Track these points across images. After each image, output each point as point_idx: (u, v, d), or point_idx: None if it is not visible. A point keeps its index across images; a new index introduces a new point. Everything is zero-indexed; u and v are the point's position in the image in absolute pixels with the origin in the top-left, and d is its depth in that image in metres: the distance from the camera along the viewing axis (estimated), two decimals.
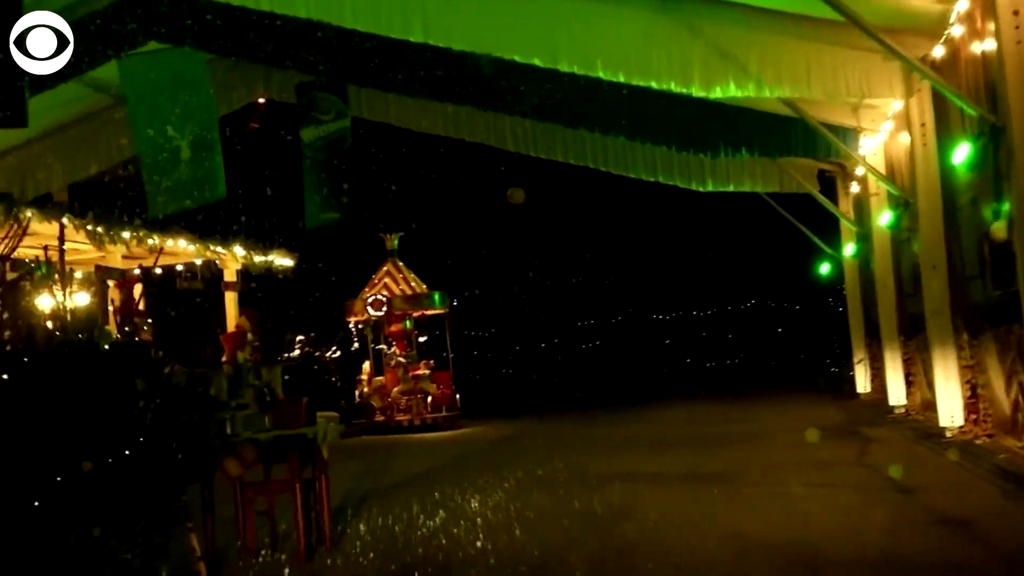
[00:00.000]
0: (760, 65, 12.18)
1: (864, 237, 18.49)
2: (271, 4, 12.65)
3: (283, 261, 18.68)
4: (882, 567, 6.86)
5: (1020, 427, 10.21)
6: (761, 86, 12.34)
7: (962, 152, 10.45)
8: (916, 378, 15.43)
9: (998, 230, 10.06)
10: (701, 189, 18.86)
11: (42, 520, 4.75)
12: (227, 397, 13.71)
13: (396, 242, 22.58)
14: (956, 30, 10.61)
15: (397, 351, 21.76)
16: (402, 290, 21.91)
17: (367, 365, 22.20)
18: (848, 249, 19.89)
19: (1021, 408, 10.18)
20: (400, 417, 20.76)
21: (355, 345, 24.11)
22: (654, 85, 12.86)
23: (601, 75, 12.71)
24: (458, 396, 21.47)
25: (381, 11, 12.64)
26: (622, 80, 12.90)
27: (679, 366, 42.22)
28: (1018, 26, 9.01)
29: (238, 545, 8.12)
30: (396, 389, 20.98)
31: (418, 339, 23.25)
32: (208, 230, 17.82)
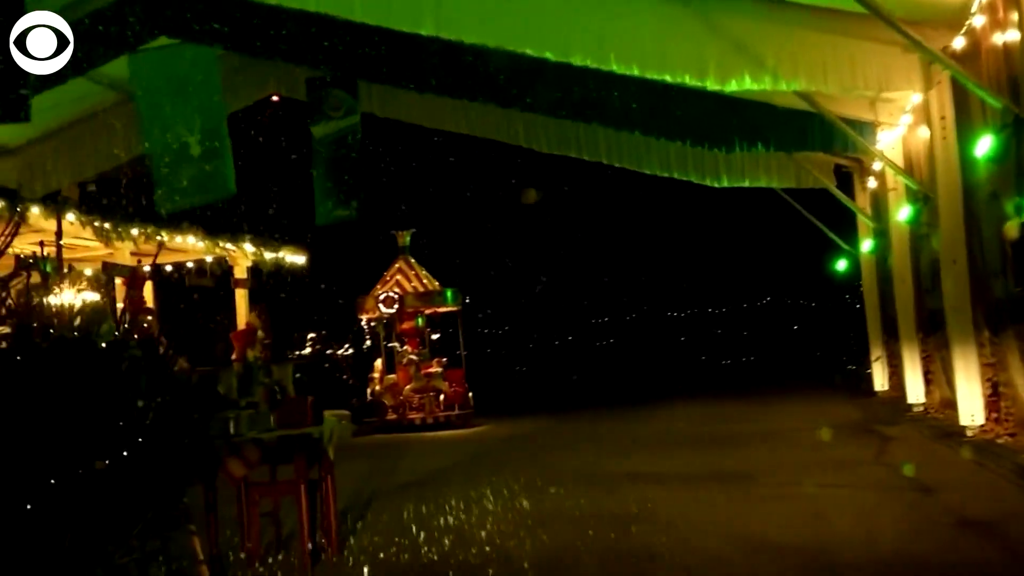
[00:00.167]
0: (776, 58, 12.00)
1: (881, 233, 18.29)
2: None
3: (294, 258, 18.56)
4: (902, 570, 6.69)
5: None
6: (777, 79, 12.16)
7: (985, 144, 10.21)
8: (935, 376, 15.23)
9: (1011, 229, 9.90)
10: (716, 185, 18.67)
11: (34, 523, 4.59)
12: (237, 395, 13.58)
13: (408, 239, 22.41)
14: (977, 20, 10.39)
15: (409, 349, 21.61)
16: (414, 287, 21.75)
17: (379, 363, 22.05)
18: (865, 245, 19.67)
19: None
20: (412, 415, 20.62)
21: (367, 343, 23.98)
22: (668, 79, 12.69)
23: (614, 68, 12.55)
24: (471, 394, 21.31)
25: (391, 4, 12.52)
26: (636, 73, 12.74)
27: (694, 364, 42.00)
28: None
29: (247, 547, 7.96)
30: (408, 387, 20.84)
31: (430, 337, 23.11)
32: (219, 227, 17.72)
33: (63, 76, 14.32)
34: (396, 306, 21.33)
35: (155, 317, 16.21)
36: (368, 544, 8.42)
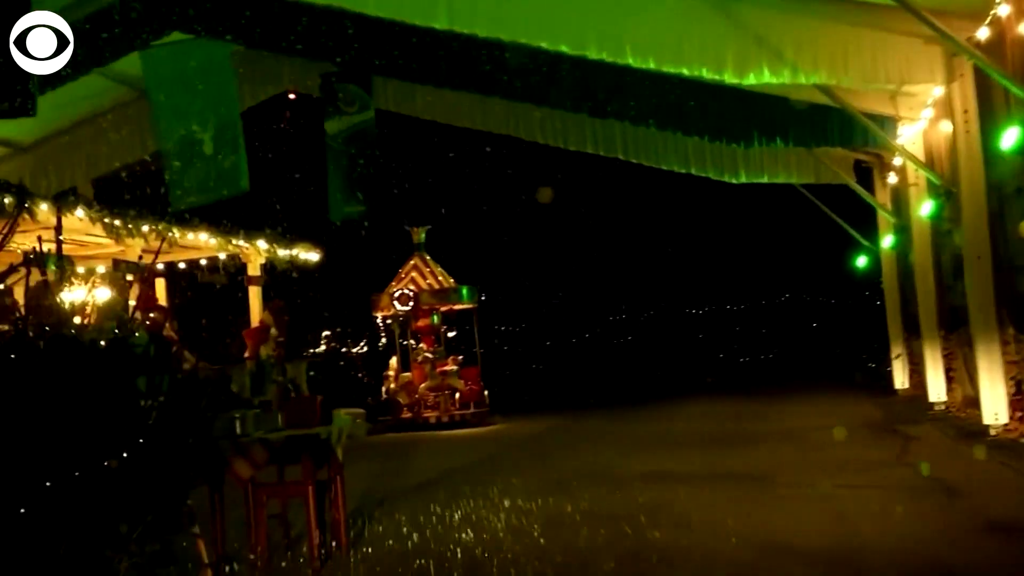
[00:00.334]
0: (796, 50, 11.81)
1: (902, 229, 18.08)
2: None
3: (308, 255, 18.41)
4: None
5: None
6: (796, 72, 11.95)
7: (1011, 137, 9.99)
8: (957, 374, 15.04)
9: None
10: (734, 181, 18.49)
11: (28, 528, 4.44)
12: (250, 394, 13.45)
13: (423, 236, 22.24)
14: (1003, 10, 10.21)
15: (424, 347, 21.47)
16: (429, 284, 21.61)
17: (394, 361, 21.91)
18: (886, 241, 19.45)
19: None
20: (427, 414, 20.50)
21: (382, 340, 23.87)
22: (685, 72, 12.53)
23: (631, 62, 12.38)
24: (487, 392, 21.18)
25: None
26: (652, 67, 12.58)
27: (712, 361, 41.78)
28: None
29: (255, 549, 7.79)
30: (423, 385, 20.71)
31: (446, 334, 22.96)
32: (233, 224, 17.60)
33: (75, 73, 14.30)
34: (411, 303, 21.18)
35: (168, 314, 16.14)
36: (379, 546, 8.25)
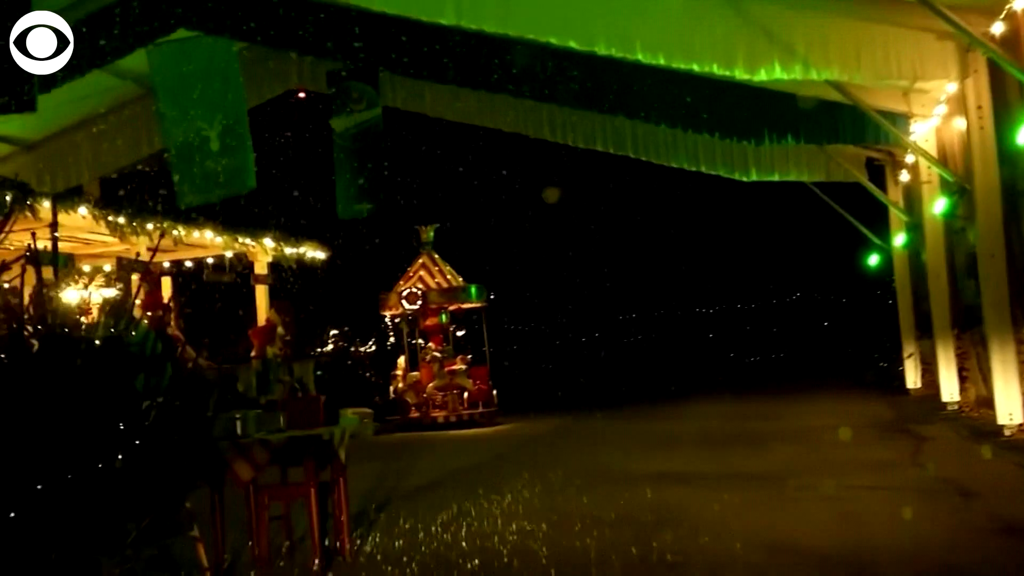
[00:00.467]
0: (807, 46, 11.66)
1: (915, 227, 17.94)
2: None
3: (315, 253, 18.35)
4: None
5: None
6: (808, 68, 11.80)
7: None
8: (970, 373, 14.90)
9: None
10: (745, 179, 18.34)
11: (16, 534, 4.33)
12: (256, 393, 13.38)
13: (432, 234, 22.11)
14: (1018, 4, 10.03)
15: (433, 346, 21.35)
16: (438, 283, 21.49)
17: (402, 360, 21.78)
18: (898, 239, 19.32)
19: None
20: (436, 413, 20.38)
21: (390, 340, 23.75)
22: (695, 68, 12.38)
23: (640, 58, 12.23)
24: (495, 392, 21.05)
25: None
26: (662, 63, 12.44)
27: (722, 360, 41.60)
28: None
29: (256, 553, 7.67)
30: (432, 385, 20.58)
31: (455, 333, 22.84)
32: (240, 222, 17.54)
33: (81, 70, 14.23)
34: (419, 302, 21.06)
35: (174, 313, 16.10)
36: (383, 549, 8.12)
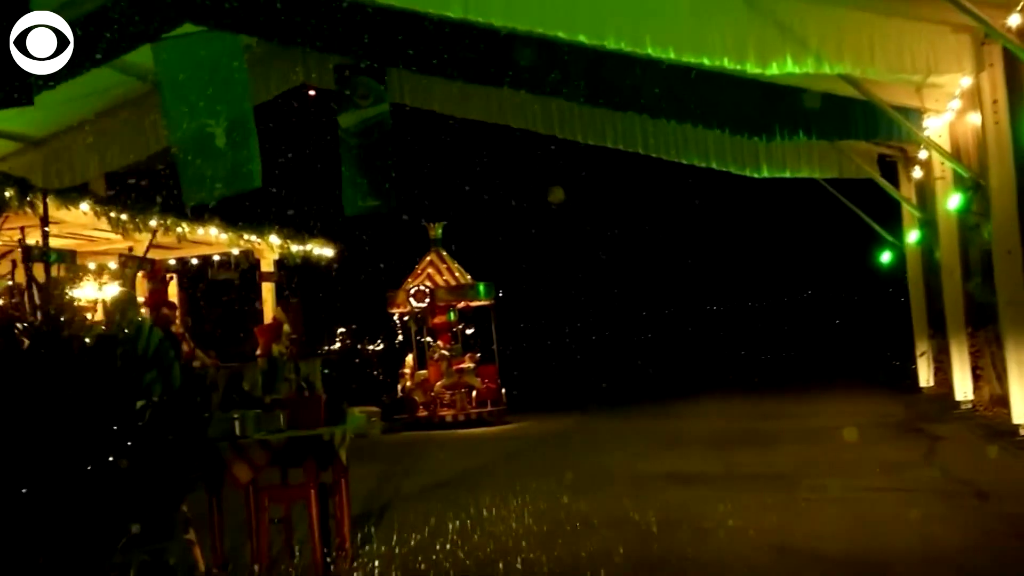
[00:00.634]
0: (820, 39, 11.47)
1: (928, 223, 17.74)
2: None
3: (322, 250, 18.22)
4: None
5: None
6: (820, 62, 11.62)
7: None
8: (984, 372, 14.71)
9: None
10: (756, 175, 18.18)
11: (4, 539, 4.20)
12: (261, 392, 13.23)
13: (440, 231, 21.92)
14: None
15: (441, 344, 21.18)
16: (446, 280, 21.33)
17: (410, 358, 21.61)
18: (911, 236, 19.13)
19: None
20: (444, 412, 20.22)
21: (398, 338, 23.59)
22: (706, 62, 12.23)
23: (650, 52, 12.09)
24: (504, 390, 20.89)
25: None
26: (672, 57, 12.30)
27: (733, 358, 41.36)
28: None
29: (255, 555, 7.53)
30: (440, 383, 20.43)
31: (463, 331, 22.68)
32: (247, 219, 17.42)
33: (87, 66, 14.14)
34: (427, 300, 20.90)
35: (179, 311, 15.98)
36: (385, 551, 7.97)
